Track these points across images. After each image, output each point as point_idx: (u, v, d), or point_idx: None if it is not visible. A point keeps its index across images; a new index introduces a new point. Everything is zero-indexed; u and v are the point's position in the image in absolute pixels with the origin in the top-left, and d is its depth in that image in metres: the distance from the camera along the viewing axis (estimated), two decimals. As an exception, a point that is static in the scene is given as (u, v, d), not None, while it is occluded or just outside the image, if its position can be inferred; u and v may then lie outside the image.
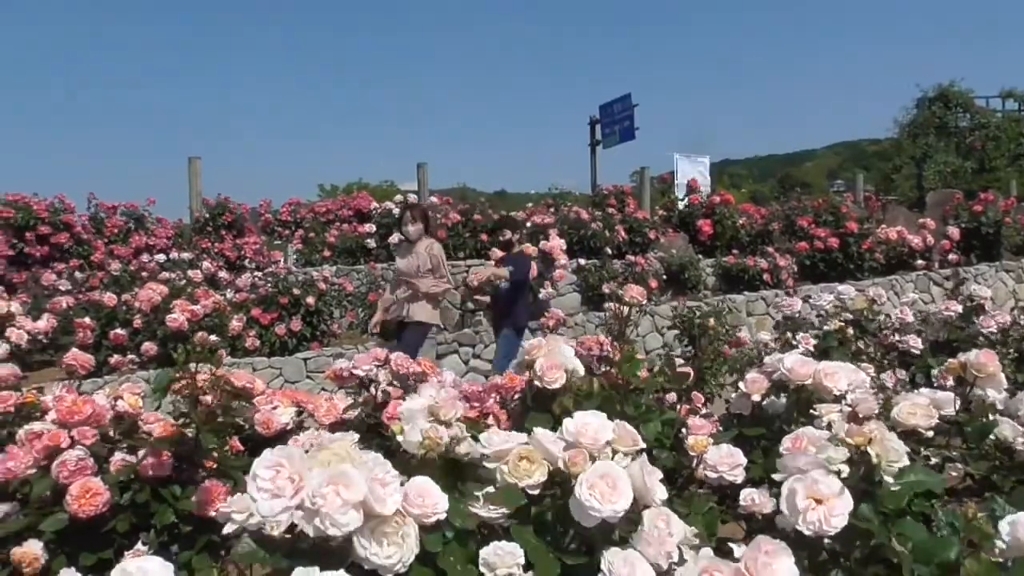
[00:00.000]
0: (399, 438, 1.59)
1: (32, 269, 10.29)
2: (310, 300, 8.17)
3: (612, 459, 1.59)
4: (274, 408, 2.62)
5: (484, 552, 1.36)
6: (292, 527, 1.30)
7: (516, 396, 2.46)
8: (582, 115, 18.54)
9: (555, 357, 2.08)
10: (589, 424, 1.61)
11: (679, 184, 15.12)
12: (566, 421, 1.62)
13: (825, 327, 3.87)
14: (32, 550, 2.04)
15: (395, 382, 2.52)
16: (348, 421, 2.60)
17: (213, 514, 2.16)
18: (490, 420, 2.39)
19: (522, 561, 1.36)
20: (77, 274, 9.87)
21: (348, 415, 2.59)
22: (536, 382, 2.06)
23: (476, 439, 1.71)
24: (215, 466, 2.36)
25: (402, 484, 1.38)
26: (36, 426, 2.29)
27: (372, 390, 2.50)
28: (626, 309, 2.34)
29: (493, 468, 1.56)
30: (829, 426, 2.02)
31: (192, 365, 2.17)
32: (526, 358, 2.14)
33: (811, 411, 2.18)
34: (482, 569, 1.34)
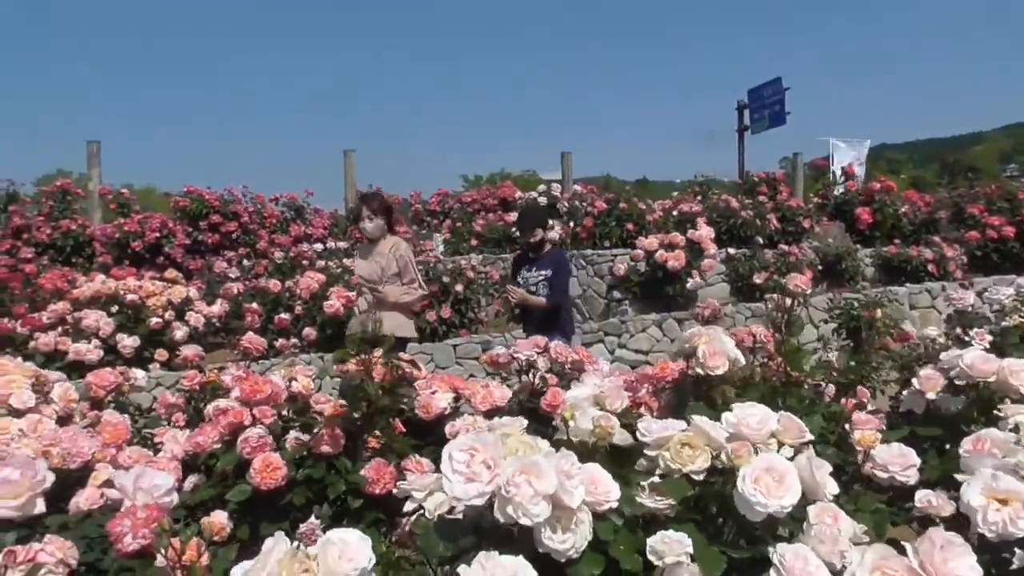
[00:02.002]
0: (570, 424, 1.61)
1: (205, 257, 11.07)
2: (459, 288, 8.37)
3: (777, 451, 1.55)
4: (433, 393, 2.70)
5: (652, 540, 1.36)
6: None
7: (667, 386, 2.45)
8: (729, 100, 18.01)
9: (717, 345, 2.05)
10: (752, 415, 1.58)
11: (834, 170, 14.43)
12: (726, 413, 1.60)
13: (1003, 323, 3.61)
14: (220, 519, 2.21)
15: (552, 370, 2.56)
16: (502, 408, 2.66)
17: (379, 491, 2.27)
18: (642, 409, 2.39)
19: (690, 550, 1.36)
20: (244, 262, 10.54)
21: (504, 402, 2.65)
22: (698, 369, 2.04)
23: (626, 427, 1.71)
24: (378, 446, 2.47)
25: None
26: (222, 403, 2.48)
27: (530, 376, 2.54)
28: (789, 299, 2.27)
29: (654, 455, 1.56)
30: (1016, 428, 1.90)
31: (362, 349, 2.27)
32: (686, 346, 2.11)
33: (994, 411, 2.04)
34: (650, 557, 1.35)
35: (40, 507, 1.70)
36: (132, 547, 1.58)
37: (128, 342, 6.64)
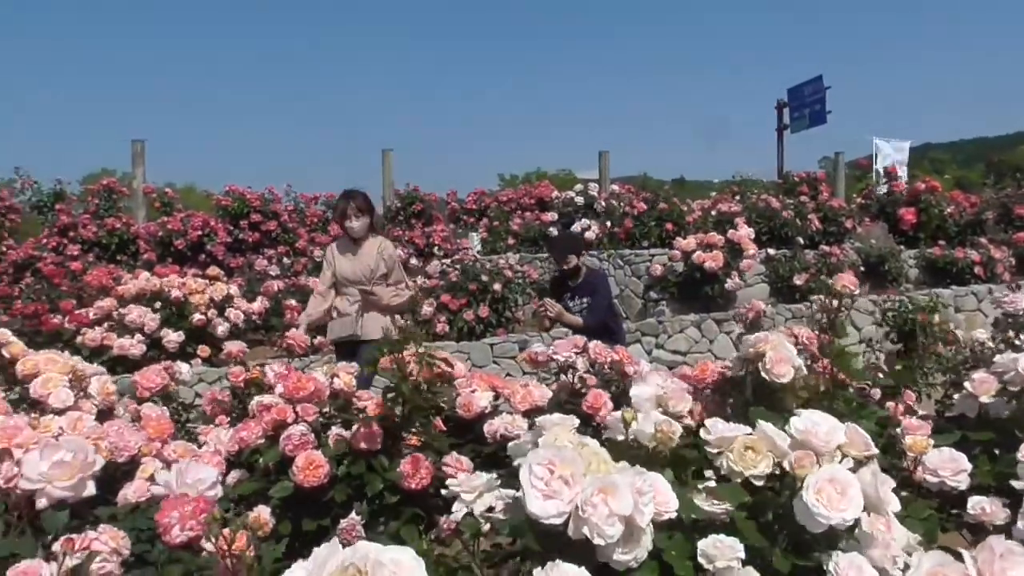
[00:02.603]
0: (631, 426, 1.59)
1: (246, 255, 11.23)
2: (497, 287, 8.38)
3: (840, 463, 1.52)
4: (473, 391, 2.70)
5: (703, 544, 1.35)
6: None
7: (708, 387, 2.42)
8: (768, 99, 17.80)
9: (783, 352, 2.02)
10: (819, 424, 1.55)
11: (877, 170, 14.21)
12: (793, 419, 1.57)
13: (1056, 326, 3.52)
14: (263, 515, 2.22)
15: (591, 370, 2.54)
16: (542, 408, 2.65)
17: (415, 485, 2.27)
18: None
19: (742, 555, 1.34)
20: (284, 260, 10.66)
21: (543, 402, 2.64)
22: (764, 375, 2.01)
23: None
24: (419, 444, 2.47)
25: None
26: (266, 399, 2.50)
27: (570, 376, 2.52)
28: (835, 300, 2.23)
29: (714, 456, 1.54)
30: (1073, 434, 1.84)
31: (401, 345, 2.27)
32: (751, 351, 2.08)
33: (1050, 417, 1.99)
34: (700, 560, 1.33)
35: (91, 489, 1.74)
36: (180, 539, 1.60)
37: (172, 337, 6.75)
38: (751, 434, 1.56)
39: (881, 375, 2.45)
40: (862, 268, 9.93)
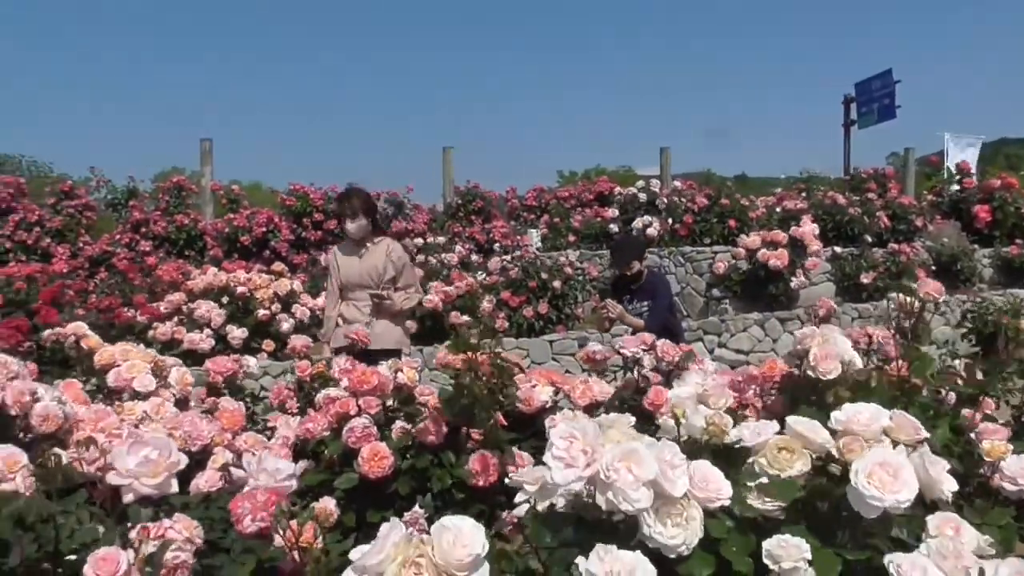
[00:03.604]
0: (682, 421, 1.58)
1: (309, 251, 11.43)
2: (557, 284, 8.37)
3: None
4: (533, 387, 2.71)
5: (768, 544, 1.33)
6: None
7: (774, 387, 2.38)
8: (833, 94, 17.40)
9: (830, 347, 1.97)
10: (861, 411, 1.55)
11: (948, 167, 13.78)
12: (835, 412, 1.55)
13: None
14: (328, 506, 2.26)
15: (656, 368, 2.52)
16: (601, 403, 2.64)
17: (482, 484, 2.29)
18: (748, 411, 2.34)
19: (808, 556, 1.32)
20: (347, 256, 10.82)
21: (603, 398, 2.63)
22: (808, 372, 1.97)
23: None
24: (481, 438, 2.49)
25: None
26: (332, 391, 2.54)
27: (635, 373, 2.51)
28: (916, 303, 2.17)
29: (752, 460, 1.52)
30: None
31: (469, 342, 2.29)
32: (798, 347, 2.04)
33: None
34: (765, 560, 1.32)
35: (174, 487, 1.79)
36: (251, 528, 1.64)
37: (237, 333, 6.90)
38: (783, 433, 1.54)
39: (960, 380, 2.37)
40: (933, 267, 9.67)
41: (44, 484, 1.66)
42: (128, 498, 1.70)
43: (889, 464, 1.41)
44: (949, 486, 1.51)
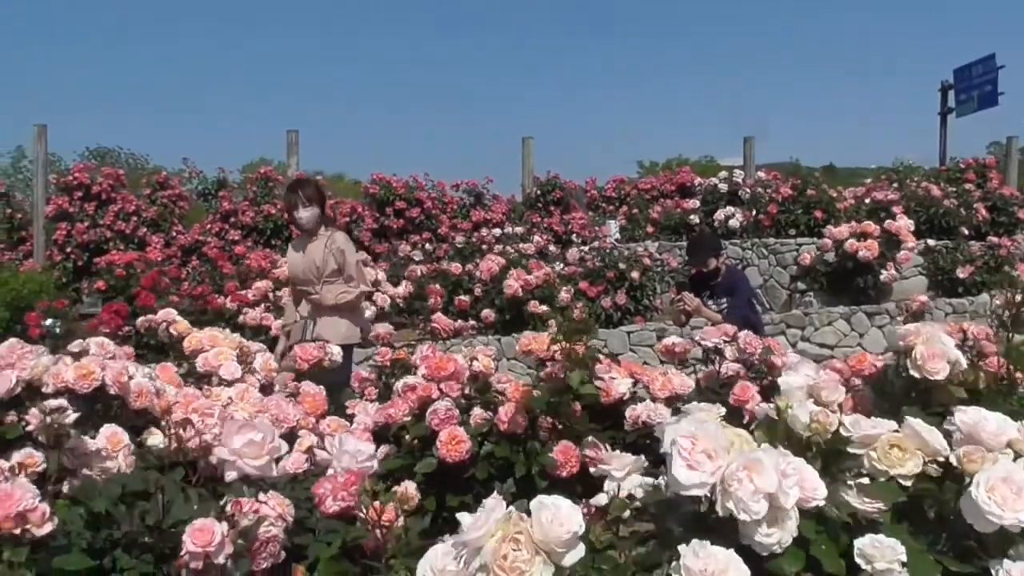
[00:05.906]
0: (787, 414, 1.55)
1: (390, 240, 11.64)
2: (635, 275, 8.32)
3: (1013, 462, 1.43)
4: (612, 377, 2.70)
5: (860, 543, 1.31)
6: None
7: (860, 380, 2.32)
8: (930, 80, 16.68)
9: (936, 346, 1.91)
10: (987, 419, 1.47)
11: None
12: (957, 414, 1.49)
13: None
14: (410, 490, 2.31)
15: (739, 360, 2.49)
16: (682, 396, 2.62)
17: (565, 474, 2.30)
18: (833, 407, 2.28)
19: (903, 558, 1.29)
20: (427, 246, 10.97)
21: (684, 390, 2.61)
22: (913, 371, 1.91)
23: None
24: (553, 426, 2.50)
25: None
26: (411, 379, 2.59)
27: (716, 364, 2.48)
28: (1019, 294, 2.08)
29: (859, 454, 1.49)
30: None
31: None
32: (901, 344, 1.98)
33: None
34: (857, 560, 1.29)
35: (275, 471, 1.88)
36: (333, 508, 1.69)
37: (319, 320, 7.07)
38: (898, 431, 1.49)
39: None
40: (1035, 260, 9.23)
41: (144, 462, 1.76)
42: (231, 475, 1.78)
43: (1014, 481, 1.37)
44: None
